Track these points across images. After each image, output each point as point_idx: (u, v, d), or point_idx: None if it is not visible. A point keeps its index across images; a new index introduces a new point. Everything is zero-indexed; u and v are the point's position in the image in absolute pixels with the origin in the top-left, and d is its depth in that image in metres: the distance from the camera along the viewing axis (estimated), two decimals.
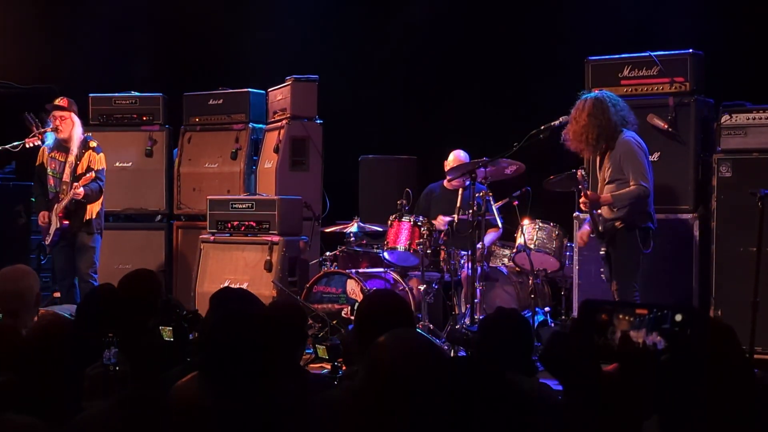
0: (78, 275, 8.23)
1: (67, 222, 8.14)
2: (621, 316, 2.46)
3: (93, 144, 8.26)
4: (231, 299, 4.13)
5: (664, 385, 2.42)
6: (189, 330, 4.54)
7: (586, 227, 6.92)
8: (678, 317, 2.39)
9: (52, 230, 8.19)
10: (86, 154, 8.16)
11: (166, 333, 4.35)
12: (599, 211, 6.69)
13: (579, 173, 6.60)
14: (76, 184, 8.04)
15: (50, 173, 8.27)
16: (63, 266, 8.31)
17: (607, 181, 6.68)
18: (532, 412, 2.83)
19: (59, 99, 8.29)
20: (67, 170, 8.15)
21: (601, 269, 6.86)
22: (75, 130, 8.21)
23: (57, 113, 8.21)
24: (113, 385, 3.81)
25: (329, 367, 6.55)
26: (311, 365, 6.87)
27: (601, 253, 6.74)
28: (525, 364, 3.64)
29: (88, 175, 8.07)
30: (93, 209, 8.25)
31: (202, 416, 3.23)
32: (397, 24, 10.15)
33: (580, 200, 6.72)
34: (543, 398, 3.32)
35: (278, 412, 3.25)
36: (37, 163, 8.42)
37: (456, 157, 8.28)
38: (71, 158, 8.15)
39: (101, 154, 8.27)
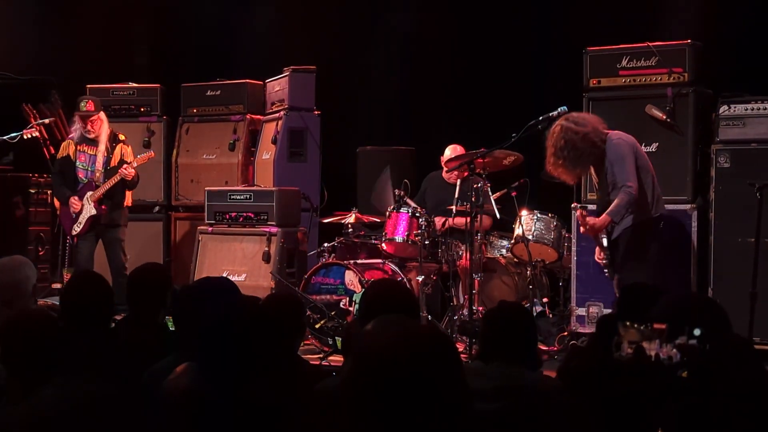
0: (114, 270, 8.33)
1: (104, 207, 8.31)
2: (628, 323, 2.32)
3: (122, 137, 8.50)
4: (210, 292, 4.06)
5: (677, 402, 2.32)
6: None
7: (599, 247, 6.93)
8: (696, 332, 2.28)
9: (83, 218, 8.34)
10: (118, 147, 8.38)
11: (170, 322, 4.40)
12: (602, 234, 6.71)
13: (579, 213, 6.67)
14: (126, 164, 8.25)
15: (80, 166, 8.42)
16: (87, 257, 8.40)
17: (610, 188, 6.63)
18: (537, 404, 2.83)
19: (84, 103, 8.43)
20: (100, 159, 8.36)
21: (605, 270, 6.82)
22: (104, 127, 8.43)
23: (88, 119, 8.39)
24: None
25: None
26: (330, 358, 6.86)
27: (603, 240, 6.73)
28: (529, 358, 3.61)
29: (140, 156, 8.36)
30: (130, 197, 8.56)
31: (197, 407, 3.23)
32: (396, 14, 10.13)
33: (581, 231, 6.73)
34: (547, 391, 3.31)
35: (276, 402, 3.25)
36: (60, 156, 8.58)
37: (453, 151, 8.26)
38: (102, 148, 8.35)
39: (130, 148, 8.52)
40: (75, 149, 8.41)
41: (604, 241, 6.72)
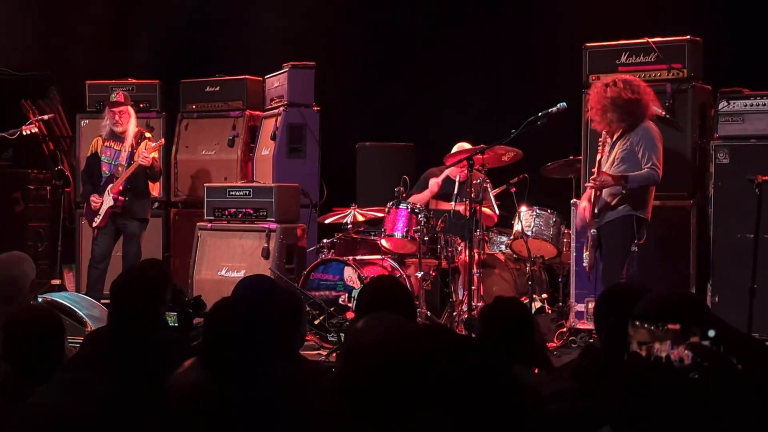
0: (126, 265, 8.27)
1: (122, 198, 8.27)
2: (638, 323, 2.25)
3: (148, 135, 8.51)
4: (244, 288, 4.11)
5: (691, 406, 2.26)
6: (193, 315, 4.59)
7: (586, 204, 6.81)
8: (711, 332, 2.21)
9: (103, 210, 8.33)
10: (142, 144, 8.36)
11: (171, 318, 4.41)
12: (600, 193, 6.62)
13: (602, 138, 6.63)
14: (143, 151, 8.23)
15: (104, 160, 8.43)
16: (105, 250, 8.43)
17: (616, 163, 6.60)
18: (535, 405, 2.81)
19: (115, 94, 8.47)
20: (123, 154, 8.36)
21: (585, 254, 6.79)
22: (132, 121, 8.44)
23: (116, 109, 8.39)
24: None
25: None
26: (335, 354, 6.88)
27: (592, 232, 6.66)
28: (527, 355, 3.59)
29: (152, 146, 8.34)
30: (156, 188, 8.66)
31: (202, 402, 3.23)
32: (395, 10, 10.12)
33: (591, 178, 6.64)
34: (541, 392, 3.30)
35: (275, 398, 3.25)
36: (89, 153, 8.61)
37: (461, 148, 8.25)
38: (127, 145, 8.35)
39: (155, 144, 8.51)
40: (102, 144, 8.45)
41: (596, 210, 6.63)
